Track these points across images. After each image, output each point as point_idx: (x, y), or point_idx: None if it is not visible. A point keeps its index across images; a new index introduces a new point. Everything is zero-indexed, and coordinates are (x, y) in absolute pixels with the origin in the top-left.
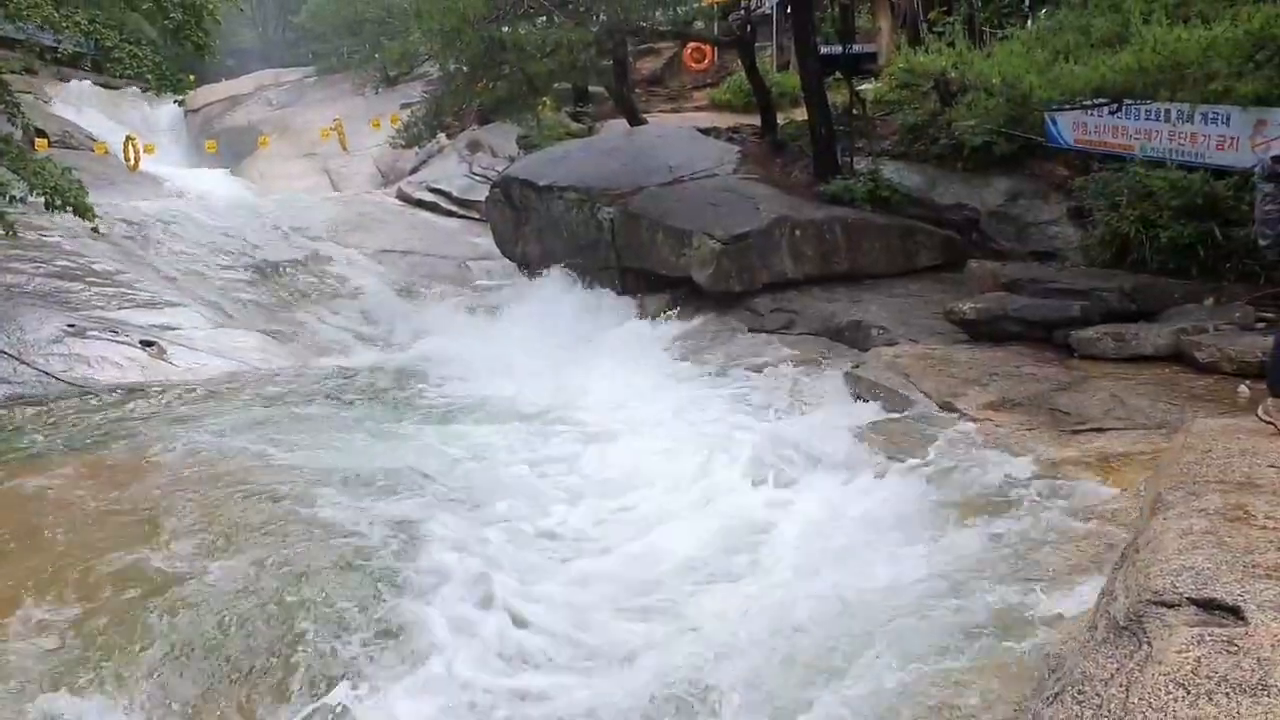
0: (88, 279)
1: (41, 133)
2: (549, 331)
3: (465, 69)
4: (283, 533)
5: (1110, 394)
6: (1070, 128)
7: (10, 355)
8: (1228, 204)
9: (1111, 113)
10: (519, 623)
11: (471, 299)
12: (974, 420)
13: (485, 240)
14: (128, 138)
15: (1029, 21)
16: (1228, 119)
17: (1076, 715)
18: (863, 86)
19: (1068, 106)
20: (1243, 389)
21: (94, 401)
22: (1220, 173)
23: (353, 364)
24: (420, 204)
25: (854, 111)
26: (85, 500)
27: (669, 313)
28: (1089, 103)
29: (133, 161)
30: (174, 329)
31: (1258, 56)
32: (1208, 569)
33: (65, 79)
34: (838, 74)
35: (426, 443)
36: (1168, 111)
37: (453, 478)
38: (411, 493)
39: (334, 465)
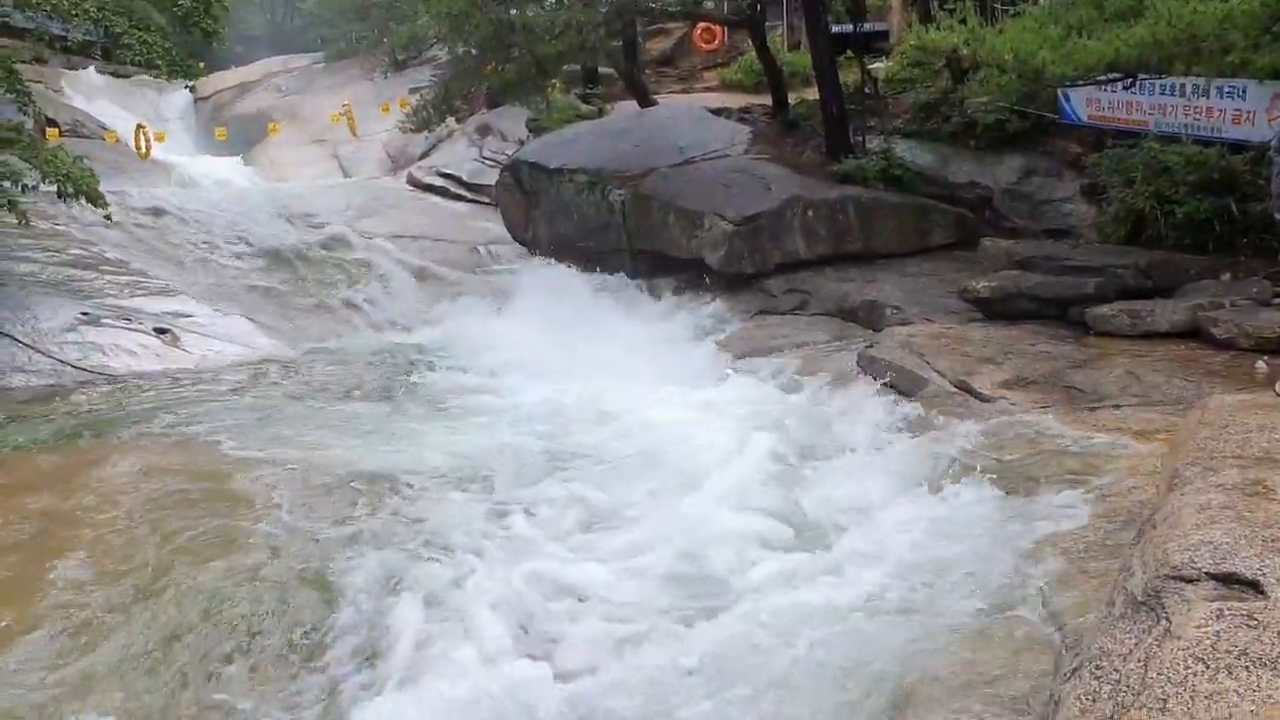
0: (100, 267)
1: (52, 122)
2: (559, 317)
3: (474, 52)
4: (235, 544)
5: (1126, 371)
6: (1083, 104)
7: (25, 344)
8: (1244, 178)
9: (1125, 88)
10: None
11: (482, 284)
12: (989, 399)
13: (495, 225)
14: (138, 126)
15: None
16: (1244, 92)
17: (1094, 690)
18: (874, 65)
19: (1081, 82)
20: (1260, 364)
21: (107, 389)
22: (1236, 147)
23: (363, 350)
24: (430, 189)
25: (866, 90)
26: (64, 494)
27: (681, 295)
28: (1103, 78)
29: (143, 150)
30: (187, 316)
31: (1275, 28)
32: (1226, 543)
33: (75, 67)
34: (849, 53)
35: (429, 443)
36: (1183, 86)
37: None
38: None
39: (326, 464)
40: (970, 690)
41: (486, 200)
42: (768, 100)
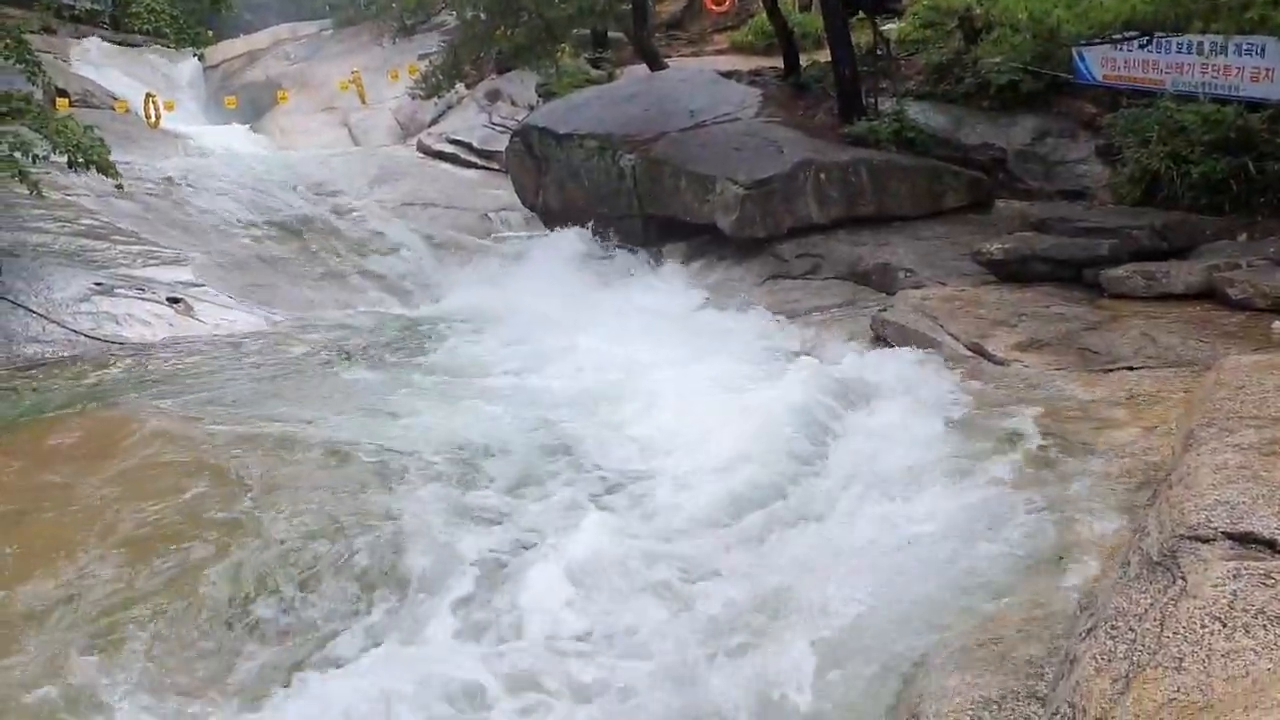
0: (113, 237)
1: (63, 92)
2: (570, 284)
3: (483, 16)
4: (183, 535)
5: (1141, 333)
6: (1099, 63)
7: (39, 314)
8: (1262, 137)
9: (1142, 47)
10: None
11: (493, 252)
12: (1003, 362)
13: (506, 191)
14: (148, 95)
15: None
16: (1263, 50)
17: (1110, 650)
18: (887, 26)
19: (1096, 41)
20: (1277, 325)
21: (120, 359)
22: (1254, 105)
23: (373, 321)
24: (440, 156)
25: (878, 51)
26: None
27: (692, 261)
28: (1118, 36)
29: (153, 119)
30: (199, 285)
31: None
32: (1243, 503)
33: (83, 37)
34: (861, 14)
35: (420, 426)
36: (1200, 44)
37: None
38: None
39: (312, 444)
40: (984, 653)
41: (497, 167)
42: (779, 63)
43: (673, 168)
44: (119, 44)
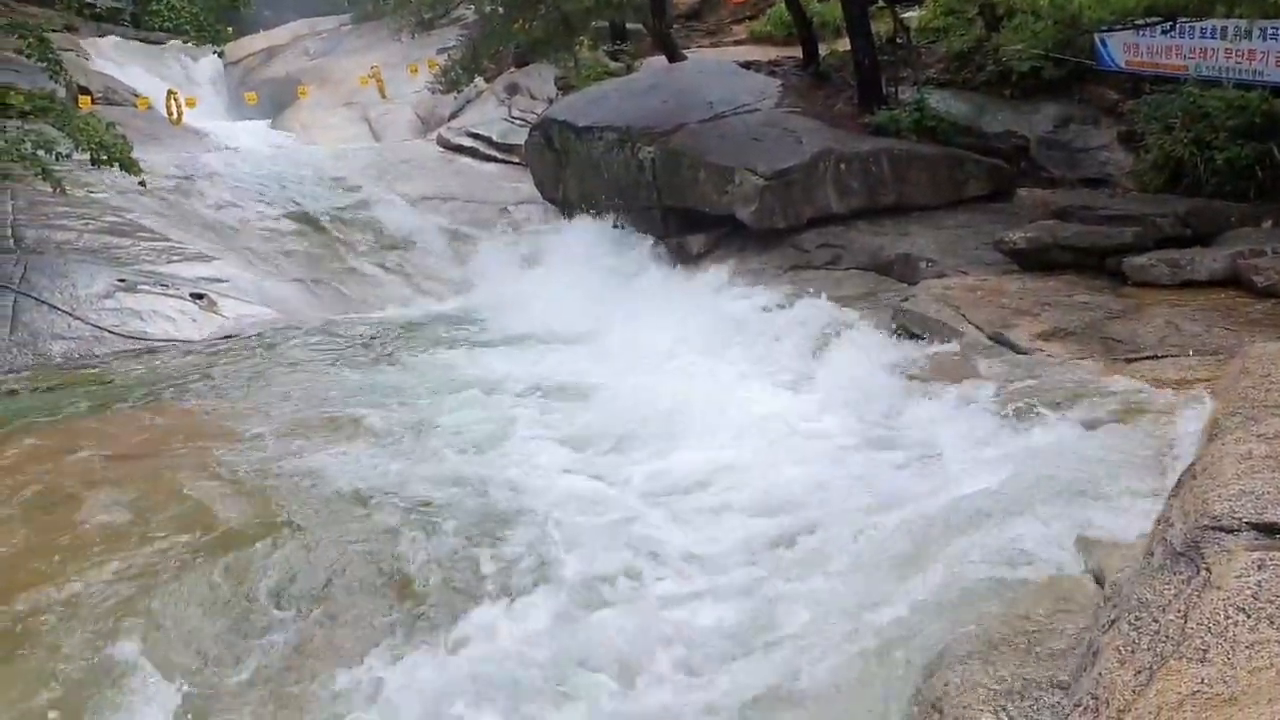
0: (136, 234)
1: (85, 90)
2: (591, 280)
3: (501, 10)
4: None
5: (1165, 321)
6: (1121, 49)
7: (64, 310)
8: None
9: (1164, 32)
10: None
11: (514, 245)
12: (1027, 351)
13: (526, 184)
14: (169, 92)
15: None
16: None
17: (1133, 641)
18: (907, 14)
19: (1119, 27)
20: None
21: (142, 356)
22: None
23: (391, 318)
24: (460, 150)
25: (898, 40)
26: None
27: (712, 253)
28: (1141, 22)
29: (175, 116)
30: (222, 281)
31: None
32: (1268, 493)
33: (105, 34)
34: (881, 2)
35: (404, 458)
36: (1224, 29)
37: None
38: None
39: (282, 462)
40: (1006, 643)
41: (516, 160)
42: (798, 53)
43: (692, 159)
44: (140, 41)
